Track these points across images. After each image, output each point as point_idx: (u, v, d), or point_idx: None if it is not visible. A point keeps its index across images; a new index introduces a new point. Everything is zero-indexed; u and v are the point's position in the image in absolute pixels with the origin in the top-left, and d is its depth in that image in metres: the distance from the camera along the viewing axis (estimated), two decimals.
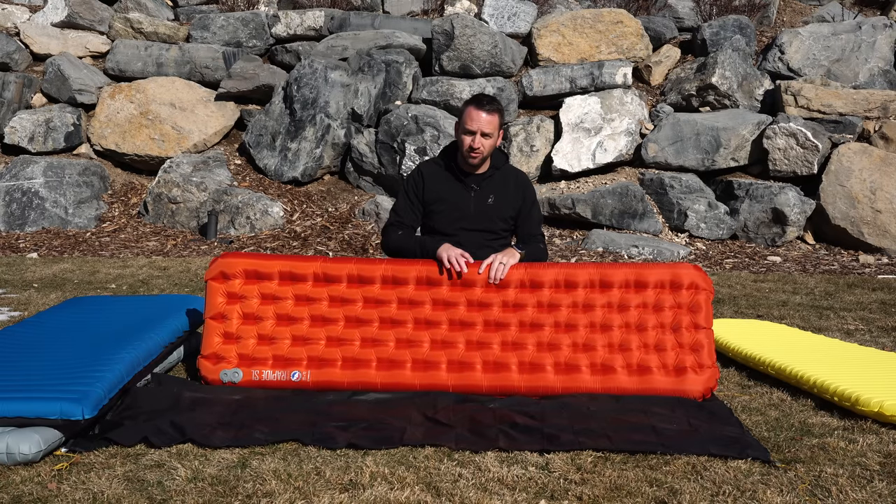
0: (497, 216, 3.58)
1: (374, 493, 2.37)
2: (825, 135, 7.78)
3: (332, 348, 3.28)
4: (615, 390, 3.18)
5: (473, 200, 3.56)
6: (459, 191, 3.57)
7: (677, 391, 3.17)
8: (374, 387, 3.22)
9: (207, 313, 3.32)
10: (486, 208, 3.57)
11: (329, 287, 3.34)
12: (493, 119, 3.46)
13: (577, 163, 8.03)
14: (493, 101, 3.51)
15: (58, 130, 8.68)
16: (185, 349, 3.73)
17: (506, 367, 3.23)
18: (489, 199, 3.57)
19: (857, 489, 2.43)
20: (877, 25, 8.98)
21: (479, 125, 3.44)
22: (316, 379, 3.24)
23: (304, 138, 8.38)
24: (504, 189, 3.59)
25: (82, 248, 7.40)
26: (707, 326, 3.26)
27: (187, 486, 2.42)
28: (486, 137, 3.46)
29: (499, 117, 3.49)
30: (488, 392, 3.20)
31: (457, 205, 3.56)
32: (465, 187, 3.56)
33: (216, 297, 3.31)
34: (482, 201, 3.57)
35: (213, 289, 3.31)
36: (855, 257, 7.25)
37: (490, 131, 3.46)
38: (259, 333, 3.29)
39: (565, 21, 9.01)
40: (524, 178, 3.71)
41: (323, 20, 9.43)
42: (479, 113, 3.45)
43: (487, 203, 3.57)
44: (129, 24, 9.60)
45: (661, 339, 3.25)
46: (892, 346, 4.23)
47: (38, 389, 2.75)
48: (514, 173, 3.69)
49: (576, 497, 2.37)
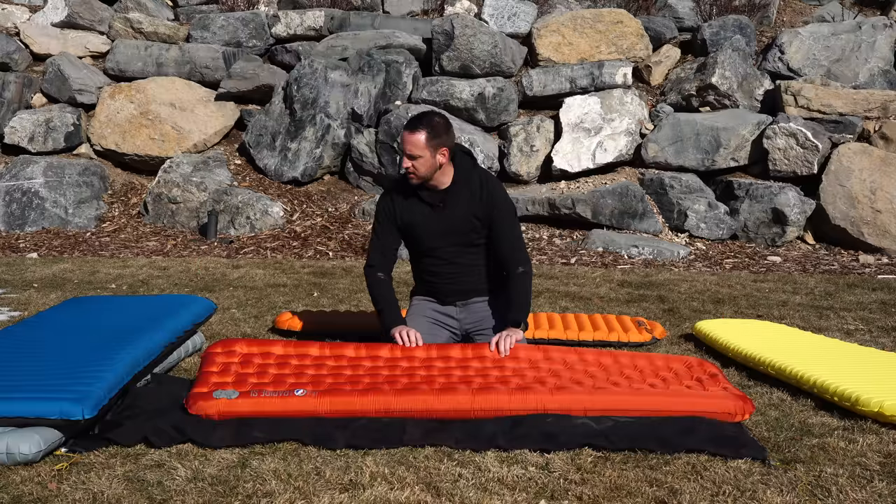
0: (466, 228, 3.50)
1: (374, 493, 2.37)
2: (825, 135, 7.78)
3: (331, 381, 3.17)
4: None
5: (439, 218, 3.50)
6: (425, 211, 3.51)
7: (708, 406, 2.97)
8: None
9: (200, 368, 3.23)
10: (453, 223, 3.49)
11: (330, 360, 3.32)
12: (416, 138, 3.34)
13: (577, 163, 8.03)
14: (421, 120, 3.39)
15: (58, 130, 8.68)
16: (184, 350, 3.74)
17: (495, 389, 3.06)
18: (455, 213, 3.48)
19: (857, 489, 2.43)
20: (877, 25, 8.98)
21: (405, 146, 3.38)
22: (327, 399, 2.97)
23: (304, 138, 8.38)
24: (469, 199, 3.48)
25: (82, 248, 7.40)
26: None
27: (187, 486, 2.42)
28: (413, 159, 3.37)
29: (426, 135, 3.34)
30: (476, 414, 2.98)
31: (425, 225, 3.52)
32: (429, 206, 3.50)
33: (211, 365, 3.21)
34: (448, 217, 3.49)
35: (210, 359, 3.25)
36: (855, 257, 7.25)
37: (415, 152, 3.34)
38: (256, 375, 3.19)
39: (565, 21, 9.01)
40: (492, 182, 3.54)
41: (323, 20, 9.43)
42: (405, 134, 3.39)
43: (454, 217, 3.48)
44: (129, 24, 9.60)
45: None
46: (892, 346, 4.23)
47: (38, 389, 2.75)
48: (481, 180, 3.51)
49: (576, 497, 2.37)
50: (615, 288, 5.71)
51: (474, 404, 2.90)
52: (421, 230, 3.54)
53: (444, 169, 3.45)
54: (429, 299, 3.68)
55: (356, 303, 5.18)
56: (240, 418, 2.87)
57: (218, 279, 5.86)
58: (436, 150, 3.38)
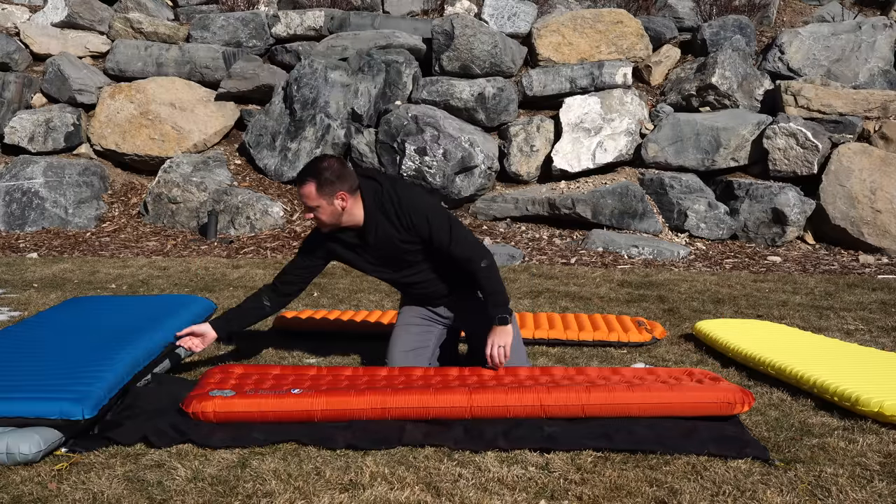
0: (400, 253, 3.34)
1: (374, 493, 2.37)
2: (825, 135, 7.78)
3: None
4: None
5: (370, 254, 3.38)
6: (356, 250, 3.39)
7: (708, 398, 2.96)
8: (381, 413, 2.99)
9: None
10: (385, 254, 3.35)
11: (328, 377, 3.31)
12: (306, 190, 3.20)
13: (577, 163, 8.03)
14: (309, 171, 3.23)
15: (58, 130, 8.68)
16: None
17: (492, 388, 3.06)
18: (382, 246, 3.32)
19: (857, 489, 2.43)
20: (877, 25, 8.98)
21: (301, 199, 3.28)
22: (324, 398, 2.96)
23: (304, 138, 8.38)
24: (390, 227, 3.29)
25: (82, 248, 7.40)
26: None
27: (187, 486, 2.42)
28: (312, 210, 3.24)
29: (315, 186, 3.18)
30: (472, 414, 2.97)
31: (363, 262, 3.42)
32: (352, 245, 3.38)
33: (210, 377, 3.20)
34: (377, 250, 3.34)
35: (208, 375, 3.24)
36: (855, 257, 7.25)
37: (311, 204, 3.22)
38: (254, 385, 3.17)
39: (565, 21, 9.01)
40: (404, 200, 3.26)
41: (323, 20, 9.43)
42: (297, 188, 3.30)
43: (384, 249, 3.33)
44: (129, 24, 9.60)
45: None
46: (892, 346, 4.23)
47: (38, 389, 2.75)
48: (392, 204, 3.26)
49: (576, 497, 2.37)
50: (615, 288, 5.72)
51: (472, 402, 2.89)
52: (361, 265, 3.43)
53: (351, 209, 3.26)
54: (415, 306, 3.59)
55: (356, 303, 5.18)
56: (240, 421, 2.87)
57: (218, 279, 5.86)
58: (331, 197, 3.21)
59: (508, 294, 3.39)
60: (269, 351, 4.02)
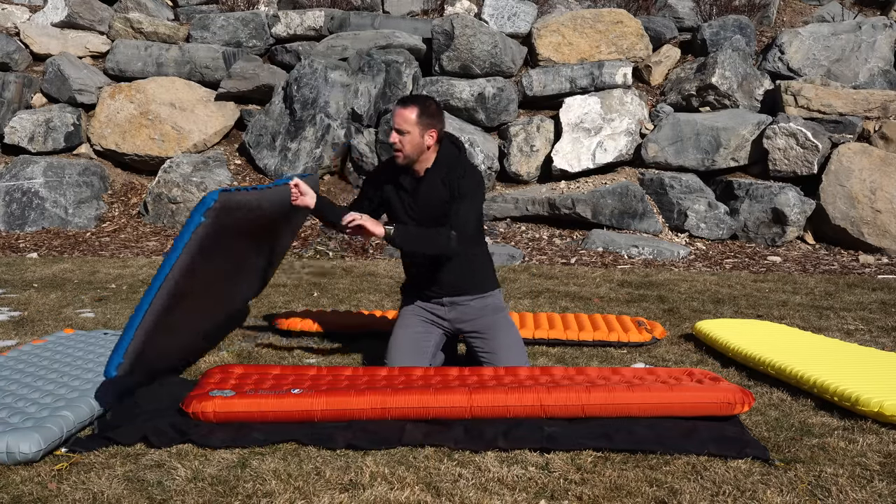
0: (437, 214, 3.38)
1: (374, 493, 2.37)
2: (825, 135, 7.78)
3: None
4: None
5: (409, 202, 3.46)
6: (401, 194, 3.48)
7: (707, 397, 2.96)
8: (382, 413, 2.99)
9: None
10: (423, 206, 3.42)
11: (328, 377, 3.32)
12: (406, 113, 3.29)
13: (577, 163, 8.03)
14: (415, 98, 3.36)
15: (58, 130, 8.68)
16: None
17: (492, 387, 3.06)
18: (428, 198, 3.41)
19: (857, 489, 2.43)
20: (877, 25, 8.98)
21: (395, 120, 3.34)
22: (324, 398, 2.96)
23: (304, 138, 8.38)
24: (440, 185, 3.40)
25: (82, 248, 7.41)
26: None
27: (187, 486, 2.42)
28: (401, 134, 3.32)
29: (417, 112, 3.29)
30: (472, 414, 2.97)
31: (397, 206, 3.50)
32: (404, 189, 3.47)
33: (210, 378, 3.20)
34: (417, 201, 3.44)
35: (208, 375, 3.23)
36: (855, 257, 7.25)
37: (404, 127, 3.29)
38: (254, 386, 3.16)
39: (565, 21, 9.01)
40: (465, 169, 3.40)
41: (323, 20, 9.43)
42: (396, 109, 3.35)
43: (427, 202, 3.42)
44: (129, 24, 9.60)
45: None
46: (892, 346, 4.23)
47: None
48: (454, 165, 3.41)
49: (576, 497, 2.37)
50: (615, 288, 5.72)
51: (472, 402, 2.90)
52: (398, 212, 3.50)
53: (428, 155, 3.39)
54: (416, 302, 3.61)
55: (356, 303, 5.18)
56: (240, 421, 2.86)
57: None
58: (424, 130, 3.32)
59: (418, 249, 3.38)
60: (269, 351, 4.02)
